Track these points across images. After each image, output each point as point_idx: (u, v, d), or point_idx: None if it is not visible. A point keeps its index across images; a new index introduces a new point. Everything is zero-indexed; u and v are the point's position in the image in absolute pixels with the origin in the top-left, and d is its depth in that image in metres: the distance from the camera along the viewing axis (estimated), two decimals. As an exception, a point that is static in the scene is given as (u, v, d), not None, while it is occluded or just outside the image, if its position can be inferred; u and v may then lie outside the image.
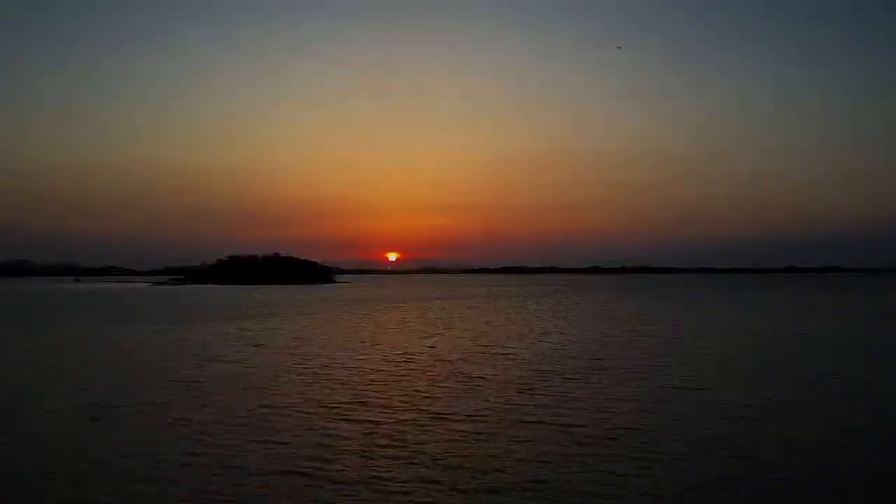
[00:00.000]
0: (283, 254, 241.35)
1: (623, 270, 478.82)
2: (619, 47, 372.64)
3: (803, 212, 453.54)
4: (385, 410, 19.15)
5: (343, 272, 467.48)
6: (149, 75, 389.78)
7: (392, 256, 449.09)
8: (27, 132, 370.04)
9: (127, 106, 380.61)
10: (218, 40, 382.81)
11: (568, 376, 24.76)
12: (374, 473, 13.35)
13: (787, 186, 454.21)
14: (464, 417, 18.14)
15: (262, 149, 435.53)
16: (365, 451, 14.87)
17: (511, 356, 30.72)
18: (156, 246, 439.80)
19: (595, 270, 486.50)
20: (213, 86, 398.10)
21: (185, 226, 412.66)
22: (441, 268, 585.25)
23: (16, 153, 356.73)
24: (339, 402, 20.16)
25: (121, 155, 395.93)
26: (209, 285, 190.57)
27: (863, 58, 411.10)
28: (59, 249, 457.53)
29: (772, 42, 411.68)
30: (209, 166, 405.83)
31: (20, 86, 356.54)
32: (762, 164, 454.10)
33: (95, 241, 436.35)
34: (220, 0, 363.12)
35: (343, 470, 13.57)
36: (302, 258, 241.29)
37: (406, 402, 20.21)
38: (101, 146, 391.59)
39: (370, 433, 16.50)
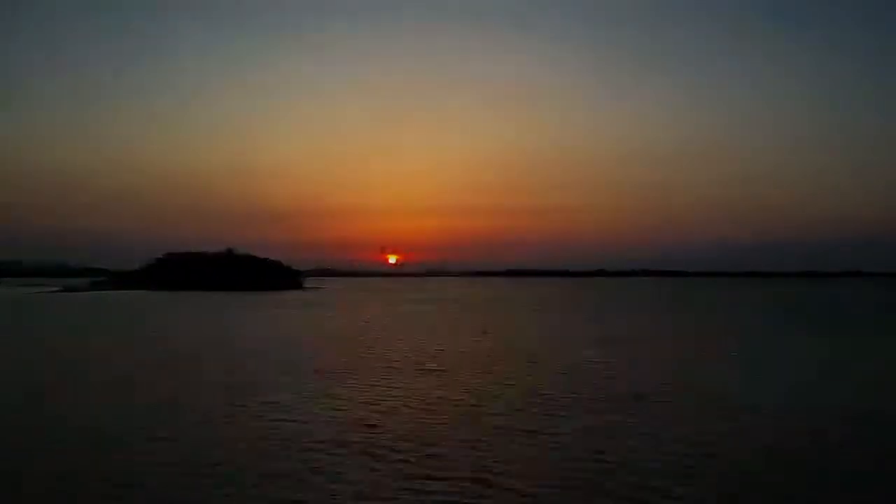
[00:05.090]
0: (237, 251, 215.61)
1: (633, 274, 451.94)
2: None
3: (812, 212, 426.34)
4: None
5: (341, 275, 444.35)
6: (148, 76, 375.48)
7: (392, 259, 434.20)
8: (26, 132, 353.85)
9: (124, 106, 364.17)
10: (215, 40, 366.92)
11: None
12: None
13: (792, 187, 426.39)
14: None
15: (262, 149, 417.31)
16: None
17: None
18: (155, 246, 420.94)
19: (601, 273, 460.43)
20: (213, 87, 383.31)
21: (185, 226, 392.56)
22: (444, 270, 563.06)
23: (14, 153, 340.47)
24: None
25: (120, 155, 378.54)
26: (125, 291, 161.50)
27: (865, 56, 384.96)
28: (51, 249, 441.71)
29: (771, 41, 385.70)
30: (209, 167, 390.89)
31: (20, 86, 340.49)
32: (765, 163, 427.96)
33: (91, 240, 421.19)
34: (219, 0, 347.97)
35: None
36: (262, 257, 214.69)
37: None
38: (100, 147, 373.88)
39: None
